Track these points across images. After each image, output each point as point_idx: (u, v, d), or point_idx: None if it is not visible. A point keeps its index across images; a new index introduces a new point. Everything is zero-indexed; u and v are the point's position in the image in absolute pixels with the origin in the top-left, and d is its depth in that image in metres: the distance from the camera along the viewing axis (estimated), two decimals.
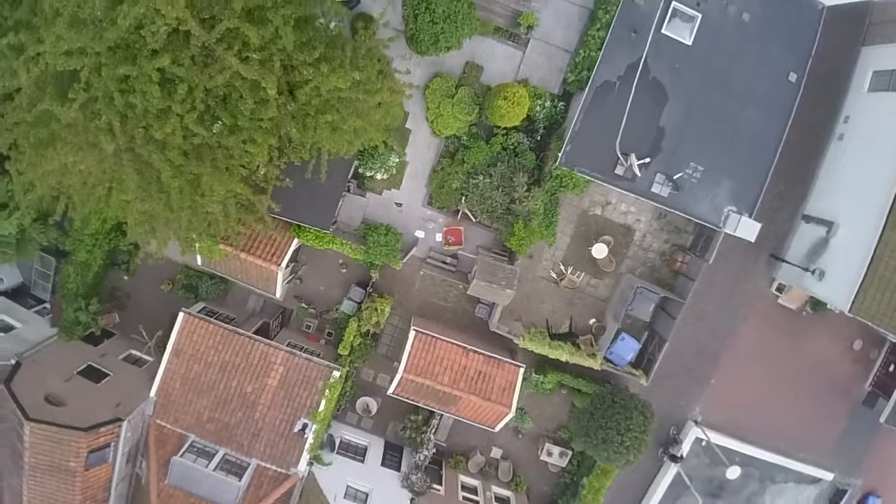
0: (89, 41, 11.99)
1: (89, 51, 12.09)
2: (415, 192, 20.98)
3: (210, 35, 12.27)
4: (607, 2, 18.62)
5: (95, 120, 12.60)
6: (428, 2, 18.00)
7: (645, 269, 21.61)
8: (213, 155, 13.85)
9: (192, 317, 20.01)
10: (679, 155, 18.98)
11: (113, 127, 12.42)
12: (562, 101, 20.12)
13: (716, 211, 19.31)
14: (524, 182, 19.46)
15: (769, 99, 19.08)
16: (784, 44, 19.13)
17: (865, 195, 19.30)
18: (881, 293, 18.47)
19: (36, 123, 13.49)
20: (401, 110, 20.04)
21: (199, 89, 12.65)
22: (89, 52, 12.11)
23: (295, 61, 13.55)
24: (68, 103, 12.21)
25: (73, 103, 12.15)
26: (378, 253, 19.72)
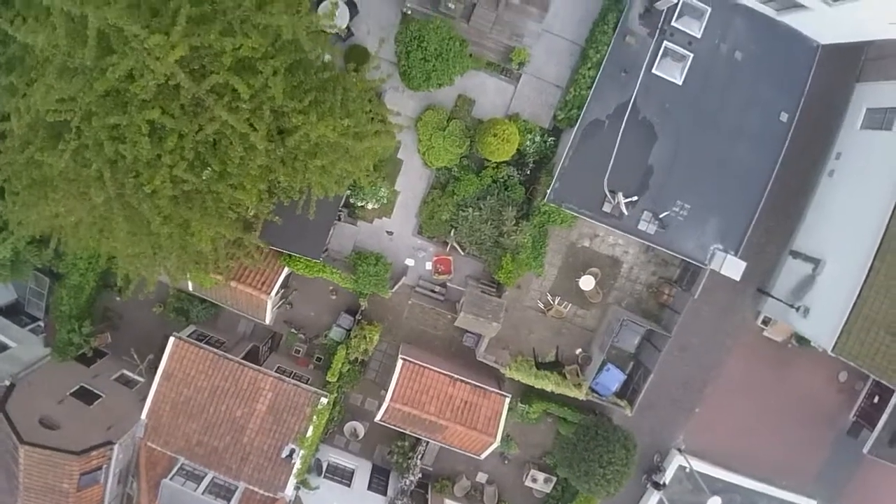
0: (79, 91, 12.32)
1: (79, 101, 12.44)
2: (405, 221, 21.33)
3: (200, 87, 12.59)
4: (598, 41, 18.87)
5: (86, 168, 12.95)
6: (420, 40, 18.26)
7: (632, 301, 21.99)
8: (203, 200, 14.19)
9: (183, 341, 20.44)
10: (667, 193, 19.29)
11: (103, 176, 12.78)
12: (552, 136, 20.41)
13: (702, 248, 19.64)
14: (513, 216, 19.80)
15: (759, 139, 19.33)
16: (776, 83, 19.31)
17: (854, 234, 19.57)
18: (865, 334, 18.82)
19: (28, 165, 13.85)
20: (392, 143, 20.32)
21: (189, 139, 13.00)
22: (79, 102, 12.46)
23: (285, 107, 13.90)
24: (59, 153, 12.56)
25: (63, 154, 12.50)
26: (367, 283, 20.11)
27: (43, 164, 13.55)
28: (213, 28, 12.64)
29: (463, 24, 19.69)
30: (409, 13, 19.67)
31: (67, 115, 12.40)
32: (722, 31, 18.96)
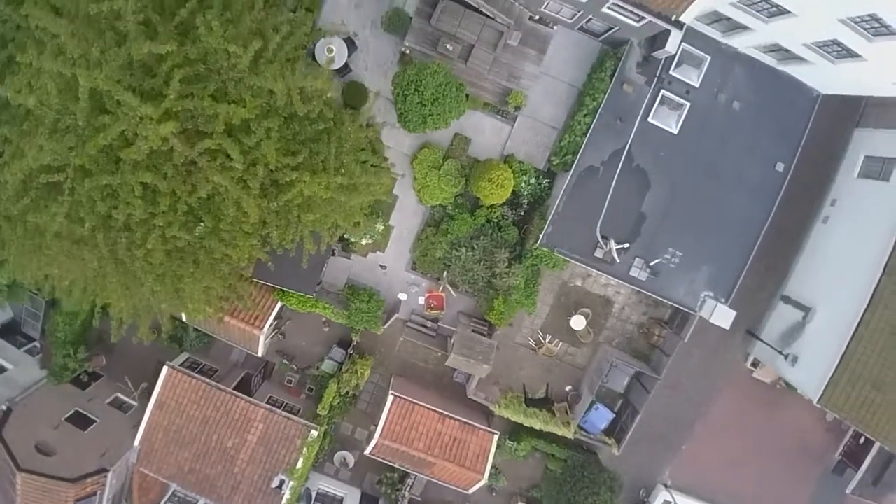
0: (70, 152, 12.53)
1: (72, 161, 12.65)
2: (399, 256, 21.60)
3: (193, 150, 12.80)
4: (595, 89, 18.97)
5: (79, 226, 13.21)
6: (417, 84, 18.40)
7: (622, 340, 22.30)
8: (196, 255, 14.48)
9: (176, 371, 20.90)
10: (659, 240, 19.51)
11: (96, 238, 13.07)
12: (546, 178, 20.57)
13: (692, 295, 19.90)
14: (505, 258, 20.05)
15: (754, 188, 19.47)
16: (774, 132, 19.37)
17: (845, 285, 19.72)
18: (851, 387, 19.09)
19: (23, 214, 14.10)
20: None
21: (182, 200, 13.25)
22: (72, 163, 12.68)
23: (278, 164, 14.10)
24: (52, 215, 12.82)
25: (56, 216, 12.76)
26: (360, 319, 20.44)
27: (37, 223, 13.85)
28: (207, 89, 12.84)
29: (461, 65, 19.82)
30: (407, 52, 19.80)
31: (60, 175, 12.65)
32: (721, 79, 19.05)
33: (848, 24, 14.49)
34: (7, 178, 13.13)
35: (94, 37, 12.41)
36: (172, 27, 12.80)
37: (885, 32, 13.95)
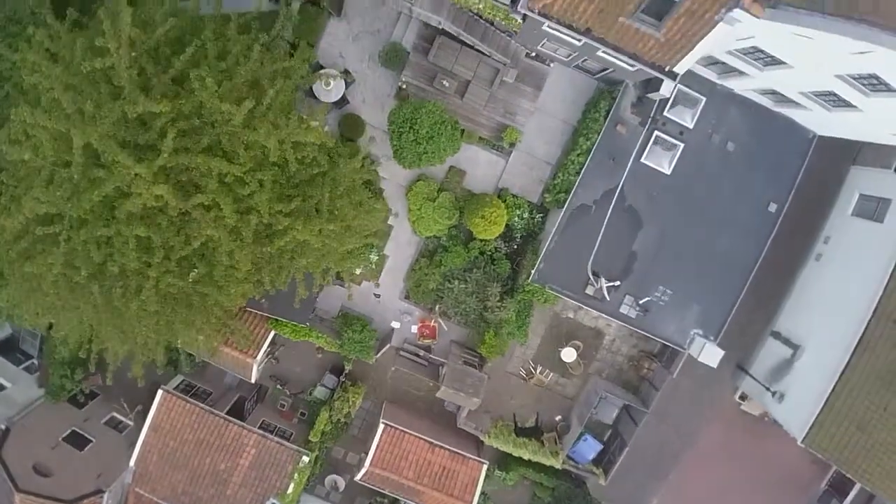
0: (66, 203, 12.81)
1: (66, 213, 12.93)
2: (393, 285, 21.86)
3: (187, 203, 13.06)
4: (589, 128, 19.14)
5: (75, 275, 13.51)
6: (412, 122, 18.61)
7: (613, 372, 22.59)
8: (189, 300, 14.79)
9: (171, 395, 21.29)
10: (650, 278, 19.73)
11: (92, 287, 13.38)
12: (540, 213, 20.78)
13: (682, 333, 20.13)
14: (497, 292, 20.32)
15: (745, 229, 19.62)
16: (768, 173, 19.48)
17: (834, 326, 19.87)
18: (835, 428, 19.34)
19: (21, 259, 14.42)
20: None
21: (176, 252, 13.52)
22: (66, 216, 12.96)
23: (271, 210, 14.34)
24: (48, 266, 13.12)
25: (52, 267, 13.06)
26: (353, 349, 20.74)
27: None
28: (201, 142, 13.08)
29: (457, 100, 20.02)
30: (404, 87, 20.00)
31: (56, 227, 12.94)
32: (716, 120, 19.19)
33: (845, 80, 14.65)
34: (5, 224, 13.45)
35: (89, 90, 12.64)
36: (168, 79, 13.04)
37: (884, 89, 14.09)
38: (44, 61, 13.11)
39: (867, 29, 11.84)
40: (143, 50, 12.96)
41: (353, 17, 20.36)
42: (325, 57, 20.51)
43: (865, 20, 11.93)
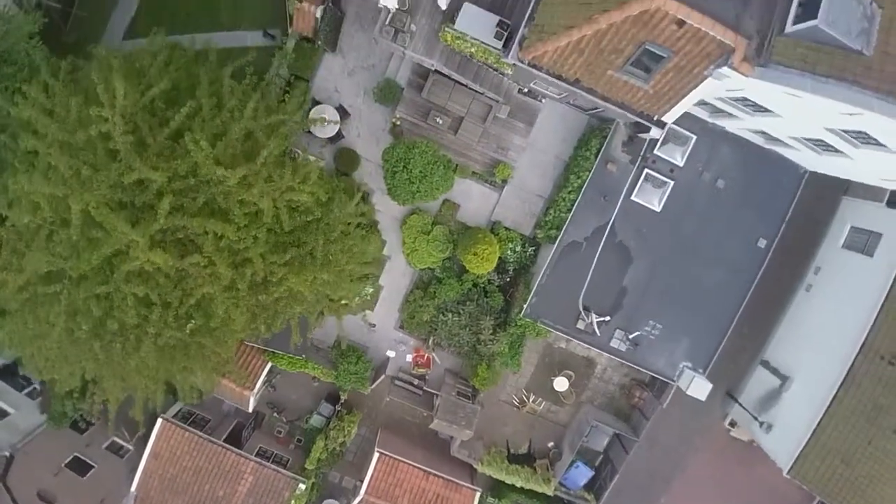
0: (65, 261, 12.90)
1: (67, 273, 13.02)
2: (388, 315, 21.89)
3: (183, 262, 13.12)
4: (580, 167, 19.10)
5: (77, 329, 13.61)
6: (405, 162, 18.59)
7: (604, 400, 22.62)
8: (187, 350, 14.87)
9: (170, 423, 21.41)
10: (640, 313, 19.73)
11: (93, 344, 13.55)
12: (532, 246, 20.76)
13: (671, 366, 20.15)
14: (490, 325, 20.35)
15: (734, 265, 19.59)
16: (758, 210, 19.39)
17: (822, 359, 19.85)
18: (820, 461, 19.36)
19: (23, 308, 14.49)
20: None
21: (173, 308, 13.61)
22: (67, 275, 13.05)
23: (266, 262, 14.35)
24: (49, 327, 13.26)
25: (54, 328, 13.17)
26: (348, 380, 20.82)
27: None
28: (197, 201, 13.12)
29: (450, 136, 19.99)
30: (398, 123, 19.96)
31: (57, 286, 13.04)
32: (706, 158, 19.14)
33: (835, 133, 14.61)
34: (7, 280, 13.57)
35: (85, 152, 12.67)
36: (164, 137, 13.06)
37: (874, 143, 14.04)
38: (40, 116, 13.16)
39: (858, 93, 11.77)
40: (137, 108, 12.98)
41: (348, 52, 20.32)
42: (321, 91, 20.48)
43: (857, 83, 11.87)
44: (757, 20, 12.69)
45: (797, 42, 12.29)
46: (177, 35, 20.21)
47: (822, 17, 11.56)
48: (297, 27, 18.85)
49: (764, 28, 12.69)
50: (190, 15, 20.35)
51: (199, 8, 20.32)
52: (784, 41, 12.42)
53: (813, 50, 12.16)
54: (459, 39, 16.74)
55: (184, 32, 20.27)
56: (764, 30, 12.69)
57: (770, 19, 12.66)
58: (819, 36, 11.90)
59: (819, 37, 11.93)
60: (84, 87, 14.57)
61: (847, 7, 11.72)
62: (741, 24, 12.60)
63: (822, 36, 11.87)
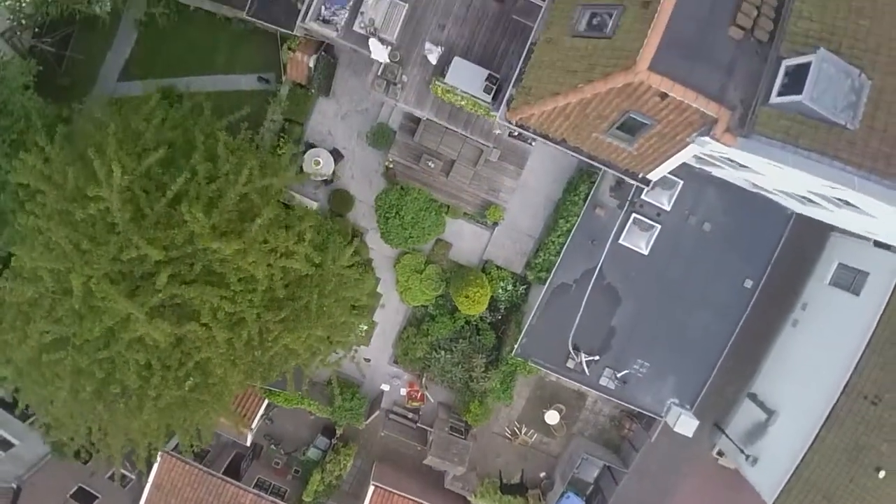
0: (68, 329, 12.98)
1: (71, 341, 13.08)
2: (382, 350, 21.80)
3: (182, 329, 13.11)
4: (569, 211, 18.95)
5: (81, 391, 13.63)
6: (398, 208, 18.46)
7: (595, 431, 22.57)
8: (186, 405, 14.85)
9: (171, 456, 21.42)
10: (628, 352, 19.64)
11: (96, 406, 13.58)
12: (523, 285, 20.64)
13: (659, 402, 20.08)
14: (482, 363, 20.27)
15: (721, 305, 19.47)
16: (744, 251, 19.23)
17: (806, 396, 19.75)
18: (803, 496, 19.27)
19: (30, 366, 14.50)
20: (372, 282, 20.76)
21: (173, 371, 13.62)
22: (71, 342, 13.10)
23: (262, 319, 14.29)
24: (55, 390, 13.32)
25: (60, 391, 13.22)
26: (343, 416, 20.80)
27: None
28: (194, 268, 13.10)
29: (442, 178, 19.81)
30: (391, 166, 19.78)
31: (61, 353, 13.07)
32: (693, 202, 18.97)
33: (817, 195, 14.43)
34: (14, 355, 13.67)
35: (84, 226, 12.64)
36: (161, 207, 13.01)
37: (856, 208, 13.85)
38: (39, 183, 13.17)
39: (840, 170, 11.54)
40: (135, 176, 12.94)
41: (342, 96, 20.12)
42: (315, 134, 20.32)
43: (840, 157, 11.64)
44: (742, 90, 12.48)
45: (781, 113, 12.07)
46: (171, 78, 20.22)
47: (807, 94, 11.26)
48: (290, 75, 18.64)
49: (748, 97, 12.47)
50: (184, 59, 20.09)
51: (194, 51, 20.07)
52: (768, 111, 12.20)
53: (797, 122, 11.92)
54: (450, 93, 16.56)
55: (178, 75, 20.26)
56: (748, 99, 12.47)
57: (755, 89, 12.43)
58: (803, 110, 11.67)
59: (803, 110, 11.70)
60: (80, 149, 14.50)
61: (834, 81, 11.38)
62: (725, 95, 12.40)
63: (806, 110, 11.64)
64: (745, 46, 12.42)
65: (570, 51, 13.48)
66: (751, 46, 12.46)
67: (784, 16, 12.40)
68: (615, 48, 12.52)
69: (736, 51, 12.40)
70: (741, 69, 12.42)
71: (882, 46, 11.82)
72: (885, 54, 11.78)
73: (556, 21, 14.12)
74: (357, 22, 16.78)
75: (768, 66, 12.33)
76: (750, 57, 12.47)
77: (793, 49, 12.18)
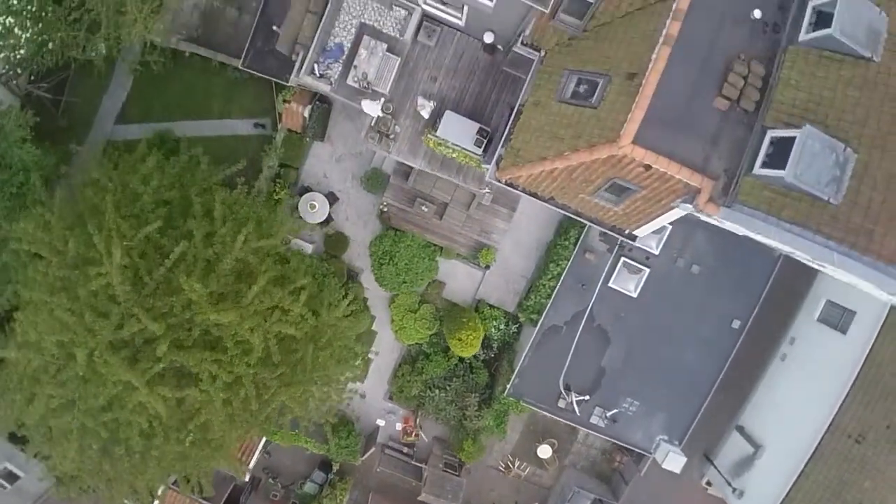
0: (74, 394, 13.10)
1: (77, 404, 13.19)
2: (378, 385, 21.82)
3: (181, 393, 13.19)
4: (559, 255, 18.97)
5: (88, 449, 13.75)
6: (391, 255, 18.48)
7: (587, 464, 22.63)
8: (186, 461, 14.95)
9: (173, 491, 21.46)
10: (618, 391, 19.67)
11: (103, 466, 13.69)
12: (516, 324, 20.68)
13: (648, 439, 20.14)
14: (476, 402, 20.30)
15: (708, 345, 19.50)
16: (732, 293, 19.21)
17: (792, 431, 19.81)
18: None
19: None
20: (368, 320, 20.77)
21: (173, 433, 13.70)
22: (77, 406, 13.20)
23: (258, 377, 14.32)
24: (63, 452, 13.43)
25: (68, 453, 13.32)
26: (339, 453, 20.85)
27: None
28: (193, 333, 13.17)
29: (436, 220, 19.81)
30: (385, 210, 19.76)
31: (67, 416, 13.20)
32: (681, 245, 18.97)
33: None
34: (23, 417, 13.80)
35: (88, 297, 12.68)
36: (159, 275, 13.05)
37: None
38: (40, 248, 13.23)
39: (821, 245, 11.48)
40: (133, 244, 13.00)
41: (336, 139, 20.10)
42: (310, 177, 20.30)
43: (821, 232, 11.58)
44: (726, 159, 12.46)
45: (764, 185, 12.05)
46: (168, 122, 20.16)
47: (790, 171, 11.18)
48: (285, 124, 18.59)
49: (733, 166, 12.45)
50: (181, 103, 20.03)
51: (190, 96, 20.01)
52: (752, 182, 12.19)
53: (780, 194, 11.90)
54: (441, 145, 16.53)
55: (175, 119, 20.20)
56: (733, 168, 12.45)
57: (740, 157, 12.39)
58: (787, 184, 11.62)
59: (787, 185, 11.66)
60: (80, 209, 14.53)
61: (818, 157, 11.23)
62: (708, 166, 12.39)
63: (789, 185, 11.59)
64: (730, 116, 12.41)
65: (556, 116, 13.47)
66: (736, 116, 12.45)
67: (771, 84, 12.35)
68: (600, 119, 12.51)
69: (721, 121, 12.40)
70: (726, 139, 12.41)
71: (870, 119, 11.64)
72: (873, 127, 11.59)
73: (544, 84, 14.09)
74: (350, 76, 16.74)
75: (753, 135, 12.31)
76: (735, 126, 12.46)
77: (779, 119, 12.13)
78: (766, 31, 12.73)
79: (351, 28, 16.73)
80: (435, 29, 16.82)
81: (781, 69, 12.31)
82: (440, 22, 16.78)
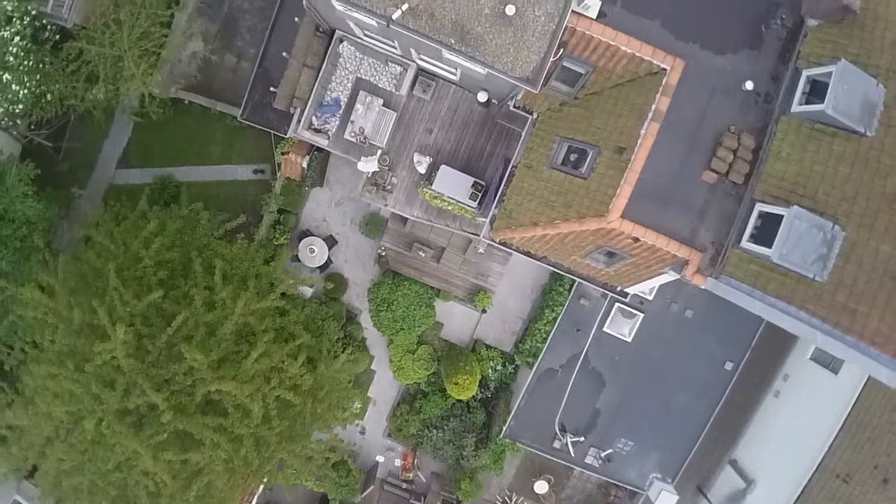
0: (83, 456, 13.41)
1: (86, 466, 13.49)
2: (377, 423, 22.04)
3: (185, 456, 13.48)
4: (554, 301, 19.15)
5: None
6: (389, 302, 18.68)
7: (582, 498, 22.83)
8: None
9: None
10: (612, 432, 19.87)
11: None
12: (512, 364, 20.88)
13: (642, 477, 20.35)
14: (472, 443, 20.53)
15: (701, 387, 19.66)
16: (725, 336, 19.36)
17: (782, 468, 20.05)
18: None
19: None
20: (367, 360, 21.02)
21: (179, 495, 13.94)
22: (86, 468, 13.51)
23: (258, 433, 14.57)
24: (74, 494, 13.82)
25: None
26: (339, 492, 21.11)
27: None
28: (195, 398, 13.42)
29: (433, 264, 19.99)
30: (383, 254, 19.95)
31: (79, 478, 13.51)
32: (674, 290, 19.07)
33: None
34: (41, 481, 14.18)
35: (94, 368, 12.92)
36: (162, 343, 13.28)
37: None
38: (47, 316, 13.49)
39: (805, 322, 11.58)
40: (135, 312, 13.24)
41: (335, 184, 20.29)
42: (309, 221, 20.49)
43: (806, 309, 11.67)
44: (713, 231, 12.65)
45: (751, 258, 12.19)
46: (169, 167, 20.36)
47: (776, 251, 11.26)
48: (284, 173, 18.77)
49: (721, 238, 12.65)
50: (182, 149, 20.23)
51: (191, 142, 20.20)
52: (739, 254, 12.36)
53: (766, 269, 12.03)
54: (437, 198, 16.69)
55: (176, 165, 20.40)
56: (720, 239, 12.65)
57: (728, 229, 12.57)
58: (773, 261, 11.71)
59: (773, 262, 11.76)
60: (82, 270, 14.76)
61: (805, 236, 11.20)
62: (696, 238, 12.59)
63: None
64: (719, 189, 12.57)
65: (548, 182, 13.63)
66: (725, 188, 12.60)
67: (762, 157, 12.44)
68: (590, 190, 12.67)
69: (709, 194, 12.56)
70: (714, 211, 12.58)
71: (859, 196, 11.48)
72: (862, 205, 11.44)
73: (536, 148, 14.24)
74: (348, 130, 16.90)
75: (742, 207, 12.47)
76: (724, 198, 12.62)
77: (768, 192, 12.22)
78: (758, 102, 12.81)
79: (347, 83, 16.89)
80: (430, 83, 16.97)
81: (773, 141, 12.34)
82: (435, 76, 16.93)
